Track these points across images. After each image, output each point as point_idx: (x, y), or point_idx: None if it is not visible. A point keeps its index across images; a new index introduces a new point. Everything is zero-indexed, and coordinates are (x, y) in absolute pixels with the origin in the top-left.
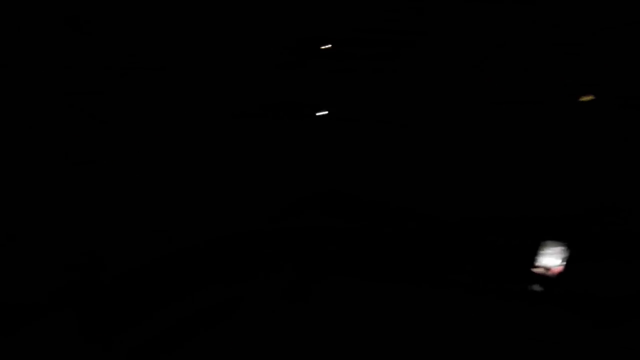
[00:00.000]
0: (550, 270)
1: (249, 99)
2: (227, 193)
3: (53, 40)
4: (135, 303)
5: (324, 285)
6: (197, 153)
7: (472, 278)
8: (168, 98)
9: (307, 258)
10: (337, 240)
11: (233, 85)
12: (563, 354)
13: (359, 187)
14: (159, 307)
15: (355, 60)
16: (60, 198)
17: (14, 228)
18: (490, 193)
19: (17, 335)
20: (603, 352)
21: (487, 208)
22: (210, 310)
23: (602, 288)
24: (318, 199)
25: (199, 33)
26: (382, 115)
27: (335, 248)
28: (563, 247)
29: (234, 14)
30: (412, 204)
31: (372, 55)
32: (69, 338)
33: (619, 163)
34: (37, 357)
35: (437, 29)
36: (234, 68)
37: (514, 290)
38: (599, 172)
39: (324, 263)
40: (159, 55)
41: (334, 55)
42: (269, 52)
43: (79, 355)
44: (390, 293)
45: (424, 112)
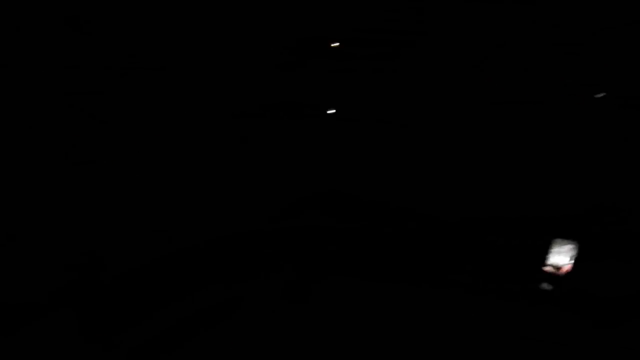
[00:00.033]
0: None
1: (249, 99)
2: (227, 193)
3: (53, 40)
4: (135, 303)
5: (324, 285)
6: (197, 153)
7: (472, 278)
8: (168, 98)
9: (307, 258)
10: (337, 240)
11: (233, 85)
12: (563, 354)
13: (359, 187)
14: (159, 307)
15: (355, 60)
16: (60, 198)
17: (14, 228)
18: (490, 193)
19: (17, 335)
20: (603, 352)
21: (487, 208)
22: (210, 310)
23: (602, 288)
24: (318, 199)
25: (199, 33)
26: (382, 115)
27: (335, 248)
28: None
29: (234, 14)
30: (412, 204)
31: (372, 55)
32: (69, 338)
33: (619, 163)
34: (37, 357)
35: (437, 29)
36: (234, 68)
37: (514, 290)
38: (599, 172)
39: (324, 263)
40: (159, 55)
41: (334, 55)
42: (269, 52)
43: (79, 355)
44: (390, 293)
45: (424, 112)
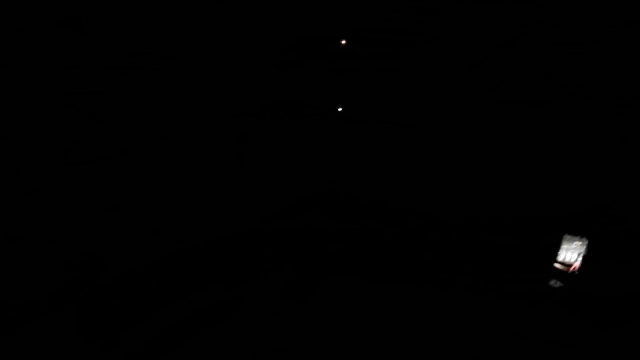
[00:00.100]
0: (560, 267)
1: (249, 99)
2: (226, 193)
3: (53, 40)
4: (135, 303)
5: (324, 285)
6: (197, 153)
7: (472, 278)
8: (168, 98)
9: (307, 258)
10: (337, 240)
11: (233, 85)
12: (563, 354)
13: (359, 187)
14: (159, 307)
15: (355, 60)
16: (60, 198)
17: (14, 228)
18: (490, 193)
19: (17, 335)
20: (603, 352)
21: (487, 208)
22: (210, 310)
23: (602, 288)
24: (318, 199)
25: (199, 33)
26: (382, 115)
27: (335, 248)
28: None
29: (234, 14)
30: (412, 204)
31: (372, 55)
32: (69, 338)
33: (619, 163)
34: (37, 357)
35: (437, 29)
36: (234, 68)
37: (514, 290)
38: (599, 172)
39: (324, 263)
40: (159, 55)
41: (334, 55)
42: (269, 52)
43: (79, 355)
44: (390, 293)
45: (424, 112)
